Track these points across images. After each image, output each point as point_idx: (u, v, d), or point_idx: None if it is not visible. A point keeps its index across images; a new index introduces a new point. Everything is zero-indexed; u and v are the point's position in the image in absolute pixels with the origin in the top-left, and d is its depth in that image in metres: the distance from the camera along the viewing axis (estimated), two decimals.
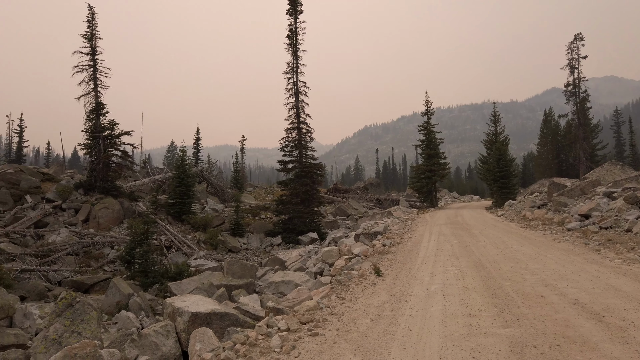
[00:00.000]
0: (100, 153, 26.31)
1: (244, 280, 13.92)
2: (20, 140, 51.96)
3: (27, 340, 8.14)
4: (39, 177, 27.44)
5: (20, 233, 20.41)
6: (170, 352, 6.00)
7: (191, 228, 24.76)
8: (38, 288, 15.19)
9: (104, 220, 23.00)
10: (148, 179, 31.86)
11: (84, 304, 6.16)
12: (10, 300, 8.22)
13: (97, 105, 27.09)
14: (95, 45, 27.45)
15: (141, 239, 17.40)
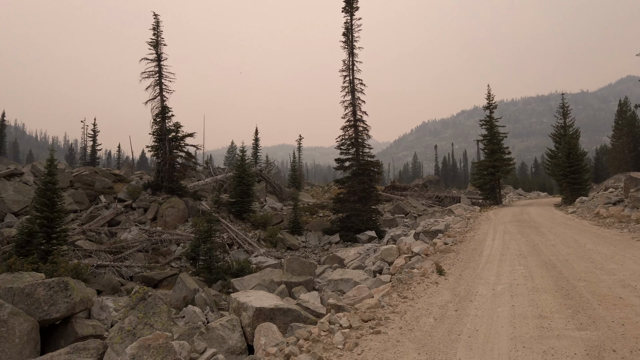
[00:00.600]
0: (166, 154, 27.58)
1: (304, 278, 14.05)
2: (94, 144, 55.57)
3: (104, 331, 8.67)
4: (111, 178, 29.23)
5: (96, 231, 21.82)
6: (236, 345, 6.18)
7: (251, 226, 25.37)
8: (112, 282, 16.17)
9: (170, 218, 24.09)
10: (210, 179, 33.01)
11: (155, 298, 6.47)
12: (89, 294, 8.80)
13: (163, 109, 28.42)
14: (160, 52, 28.82)
15: (205, 237, 18.03)
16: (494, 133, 31.90)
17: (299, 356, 4.62)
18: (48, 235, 15.72)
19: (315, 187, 47.46)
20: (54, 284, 8.08)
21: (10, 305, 7.41)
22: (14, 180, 26.67)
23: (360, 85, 27.29)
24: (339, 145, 27.46)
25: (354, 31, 27.18)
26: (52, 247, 15.51)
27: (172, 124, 28.27)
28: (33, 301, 7.92)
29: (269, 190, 35.45)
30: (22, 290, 8.05)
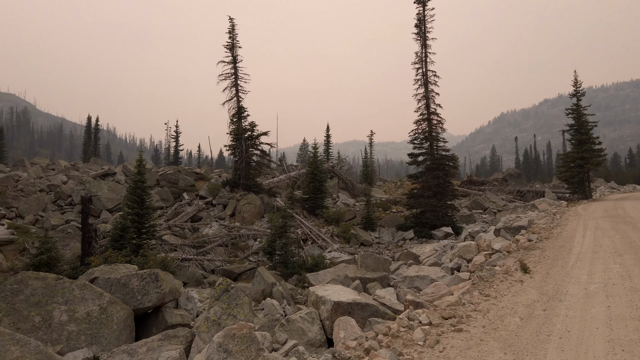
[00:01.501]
0: (243, 153, 28.62)
1: (378, 274, 13.95)
2: (177, 144, 58.96)
3: (190, 320, 9.19)
4: (193, 176, 30.86)
5: (180, 226, 23.17)
6: (315, 338, 6.28)
7: (324, 222, 25.63)
8: (196, 275, 17.08)
9: (248, 214, 24.98)
10: (284, 176, 33.80)
11: (237, 290, 6.75)
12: (177, 285, 9.37)
13: (239, 110, 29.50)
14: (236, 54, 29.94)
15: (280, 232, 18.50)
16: (581, 122, 29.61)
17: (379, 351, 4.59)
18: (138, 230, 16.92)
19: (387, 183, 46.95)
20: (146, 275, 8.69)
21: (109, 295, 8.08)
22: (108, 179, 29.01)
23: (433, 77, 26.55)
24: (411, 140, 26.91)
25: (427, 22, 26.47)
26: (142, 241, 16.68)
27: (248, 123, 29.27)
28: (128, 291, 8.57)
29: (341, 187, 35.61)
30: (118, 280, 8.74)
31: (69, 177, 29.71)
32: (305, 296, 13.63)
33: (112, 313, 7.77)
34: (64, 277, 8.18)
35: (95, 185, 26.03)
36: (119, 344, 7.46)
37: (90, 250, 15.83)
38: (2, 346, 4.81)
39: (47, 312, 7.42)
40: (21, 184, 26.69)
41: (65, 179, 29.05)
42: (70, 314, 7.50)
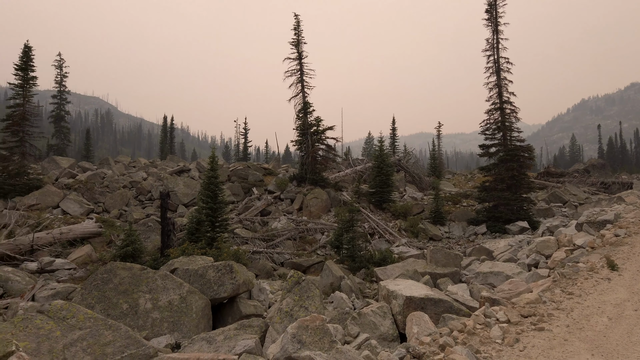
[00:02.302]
0: (309, 148, 28.97)
1: (449, 269, 13.59)
2: (246, 141, 60.84)
3: (263, 311, 9.48)
4: (261, 171, 31.73)
5: (250, 220, 23.92)
6: (388, 332, 6.25)
7: (392, 216, 25.35)
8: (266, 267, 17.56)
9: (315, 208, 25.28)
10: (350, 170, 33.80)
11: (308, 283, 6.87)
12: (250, 276, 9.70)
13: (305, 105, 29.87)
14: (301, 50, 30.30)
15: (347, 226, 18.54)
16: None
17: (454, 347, 4.47)
18: (212, 223, 17.67)
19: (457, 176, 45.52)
20: (221, 267, 9.08)
21: (188, 285, 8.53)
22: (183, 175, 30.56)
23: (506, 64, 25.28)
24: (483, 131, 25.84)
25: (499, 6, 25.24)
26: (216, 234, 17.41)
27: (313, 118, 29.55)
28: (205, 281, 8.99)
29: (408, 180, 35.02)
30: (196, 271, 9.20)
31: (149, 173, 31.64)
32: (373, 290, 13.58)
33: (191, 302, 8.20)
34: (147, 267, 8.74)
35: (172, 181, 27.51)
36: (197, 331, 7.85)
37: (169, 242, 16.78)
38: (97, 330, 5.23)
39: (134, 300, 7.97)
40: (107, 180, 28.81)
41: (145, 175, 30.99)
42: (154, 302, 8.01)
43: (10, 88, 28.18)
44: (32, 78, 27.84)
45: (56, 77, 48.87)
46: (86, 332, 5.15)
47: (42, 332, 4.99)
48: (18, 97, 27.22)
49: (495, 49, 25.34)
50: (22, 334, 4.82)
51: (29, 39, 29.13)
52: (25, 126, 26.76)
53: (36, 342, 4.82)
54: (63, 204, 23.78)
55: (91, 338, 5.10)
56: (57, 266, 16.57)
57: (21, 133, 26.49)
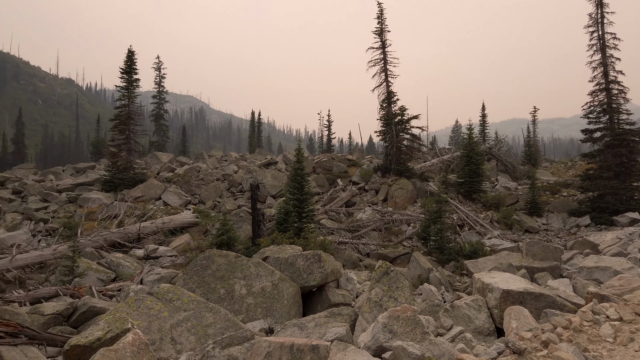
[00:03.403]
0: (393, 138, 28.56)
1: (547, 263, 12.72)
2: (329, 133, 61.48)
3: (351, 300, 9.57)
4: (345, 163, 31.89)
5: (335, 211, 24.17)
6: (483, 326, 6.01)
7: (482, 207, 24.25)
8: (352, 258, 17.67)
9: (400, 199, 24.92)
10: (436, 160, 32.83)
11: (397, 273, 6.80)
12: (337, 266, 9.83)
13: (388, 95, 29.45)
14: (384, 39, 29.87)
15: (435, 217, 18.05)
16: None
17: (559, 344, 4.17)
18: (299, 214, 18.11)
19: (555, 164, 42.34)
20: (310, 256, 9.29)
21: (279, 272, 8.84)
22: (271, 168, 31.63)
23: (612, 40, 22.93)
24: (586, 114, 23.71)
25: None
26: (303, 224, 17.83)
27: (398, 108, 29.05)
28: (295, 270, 9.26)
29: (500, 169, 33.23)
30: (286, 260, 9.50)
31: (239, 166, 33.18)
32: (464, 284, 13.14)
33: (282, 289, 8.49)
34: (241, 255, 9.19)
35: (261, 174, 28.60)
36: (289, 317, 8.12)
37: (259, 232, 17.50)
38: (199, 312, 5.60)
39: (230, 285, 8.42)
40: (202, 174, 30.69)
41: (235, 168, 32.55)
42: (248, 288, 8.40)
43: (117, 90, 30.97)
44: (135, 80, 30.35)
45: (155, 78, 52.86)
46: (190, 313, 5.54)
47: (152, 312, 5.45)
48: (124, 99, 29.82)
49: (599, 24, 23.08)
50: (136, 314, 5.30)
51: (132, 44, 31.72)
52: (131, 125, 29.27)
53: (147, 321, 5.28)
54: (164, 196, 25.73)
55: (194, 319, 5.49)
56: (160, 253, 18.01)
57: (127, 131, 29.02)
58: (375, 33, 30.01)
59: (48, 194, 26.15)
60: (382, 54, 29.87)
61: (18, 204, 25.52)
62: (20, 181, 30.12)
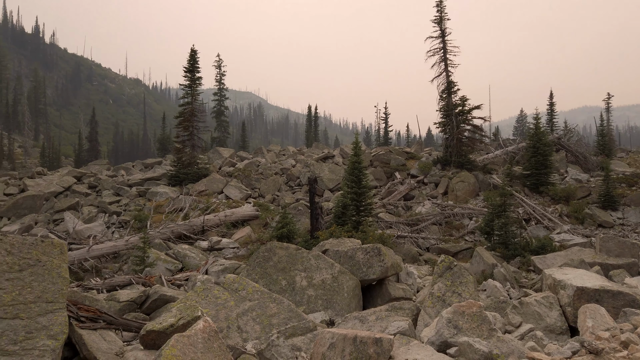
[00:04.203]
0: (453, 129, 27.75)
1: (624, 260, 11.92)
2: (386, 125, 60.79)
3: (412, 295, 9.44)
4: (403, 156, 31.41)
5: (394, 204, 23.90)
6: (555, 324, 5.73)
7: (550, 200, 23.05)
8: (411, 252, 17.43)
9: (461, 192, 24.22)
10: (500, 151, 31.53)
11: (460, 268, 6.63)
12: (397, 260, 9.74)
13: (448, 85, 28.62)
14: (444, 27, 29.01)
15: (499, 211, 17.36)
16: None
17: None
18: (357, 207, 18.09)
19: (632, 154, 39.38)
20: (369, 249, 9.26)
21: (338, 265, 8.88)
22: (328, 162, 31.78)
23: None
24: None
25: None
26: (360, 218, 17.80)
27: (458, 98, 28.18)
28: (354, 263, 9.27)
29: (569, 160, 31.38)
30: (345, 253, 9.53)
31: (297, 161, 33.62)
32: (530, 280, 12.59)
33: (342, 282, 8.53)
34: (301, 248, 9.32)
35: (318, 168, 28.81)
36: (349, 310, 8.15)
37: (317, 225, 17.66)
38: (263, 302, 5.76)
39: (291, 277, 8.57)
40: (261, 168, 31.40)
41: (293, 162, 33.00)
42: (309, 280, 8.52)
43: (181, 89, 32.30)
44: (198, 78, 31.48)
45: (216, 76, 54.56)
46: (255, 303, 5.71)
47: (219, 301, 5.67)
48: (187, 97, 31.05)
49: None
50: (204, 302, 5.54)
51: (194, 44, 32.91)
52: (194, 121, 30.44)
53: (215, 310, 5.49)
54: (226, 190, 26.59)
55: (259, 309, 5.64)
56: (223, 245, 18.66)
57: (191, 128, 30.22)
58: (434, 22, 29.23)
59: (120, 188, 27.83)
60: (442, 43, 29.04)
61: (93, 197, 27.37)
62: (95, 176, 32.25)
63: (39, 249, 5.97)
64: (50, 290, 5.65)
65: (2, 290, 5.42)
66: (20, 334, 5.16)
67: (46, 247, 6.03)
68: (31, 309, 5.42)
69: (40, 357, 5.09)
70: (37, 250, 5.93)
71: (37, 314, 5.40)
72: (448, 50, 28.98)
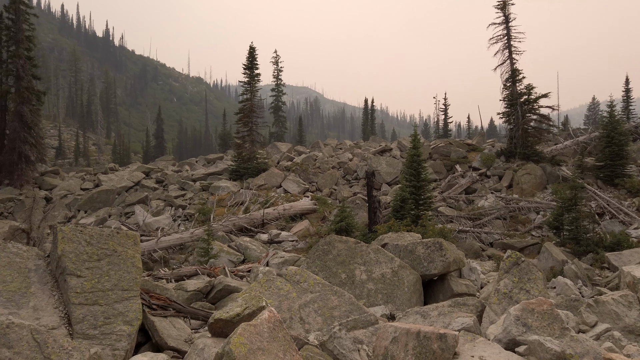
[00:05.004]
0: (519, 119, 26.54)
1: None
2: (446, 117, 59.24)
3: (475, 291, 9.17)
4: (464, 148, 30.47)
5: (454, 198, 23.29)
6: (634, 324, 5.36)
7: (627, 193, 21.48)
8: (474, 247, 16.92)
9: (527, 185, 23.15)
10: (570, 142, 29.76)
11: (528, 264, 6.34)
12: (460, 255, 9.48)
13: (513, 73, 27.38)
14: (508, 13, 27.73)
15: (569, 205, 16.42)
16: None
17: None
18: (416, 201, 17.78)
19: None
20: (430, 244, 9.08)
21: (398, 259, 8.78)
22: (385, 155, 31.44)
23: None
24: None
25: None
26: (420, 212, 17.47)
27: (524, 86, 26.89)
28: (414, 257, 9.12)
29: None
30: (405, 247, 9.40)
31: (353, 154, 33.55)
32: (605, 278, 11.86)
33: (402, 276, 8.43)
34: (360, 241, 9.30)
35: (375, 161, 28.60)
36: (410, 305, 8.04)
37: (375, 219, 17.56)
38: (325, 295, 5.82)
39: (350, 270, 8.59)
40: (318, 162, 31.63)
41: (350, 156, 32.96)
42: (368, 274, 8.49)
43: (240, 85, 33.17)
44: (256, 75, 32.17)
45: (273, 72, 55.48)
46: (316, 295, 5.78)
47: (281, 292, 5.79)
48: (246, 93, 31.84)
49: None
50: (267, 293, 5.68)
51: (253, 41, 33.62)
52: (253, 117, 31.19)
53: (278, 301, 5.62)
54: (284, 184, 27.05)
55: (320, 301, 5.71)
56: (282, 238, 19.02)
57: (250, 124, 30.99)
58: (497, 7, 28.00)
59: (184, 182, 29.08)
60: (505, 29, 27.78)
61: (160, 191, 28.80)
62: (161, 171, 33.91)
63: (115, 240, 6.38)
64: (125, 279, 6.03)
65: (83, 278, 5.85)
66: (100, 319, 5.56)
67: (121, 238, 6.43)
68: (109, 296, 5.82)
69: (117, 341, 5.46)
70: (113, 241, 6.35)
71: (114, 301, 5.78)
72: (512, 36, 27.69)
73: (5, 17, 31.97)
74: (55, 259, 6.06)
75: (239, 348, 3.54)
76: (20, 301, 5.52)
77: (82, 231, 6.41)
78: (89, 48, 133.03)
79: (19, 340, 4.69)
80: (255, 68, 32.22)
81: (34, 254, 6.40)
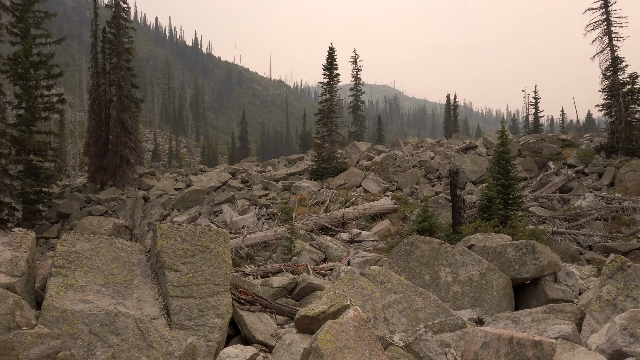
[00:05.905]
0: (621, 112, 24.25)
1: None
2: (536, 111, 55.68)
3: (573, 297, 8.52)
4: (558, 143, 28.42)
5: (547, 197, 21.81)
6: None
7: None
8: (570, 250, 15.73)
9: (632, 184, 21.08)
10: None
11: (635, 269, 5.76)
12: (555, 258, 8.87)
13: (614, 61, 25.06)
14: None
15: None
16: None
17: None
18: (505, 201, 16.89)
19: None
20: (521, 246, 8.58)
21: (486, 262, 8.40)
22: (470, 153, 30.24)
23: None
24: None
25: None
26: (509, 212, 16.58)
27: (627, 75, 24.51)
28: (504, 260, 8.67)
29: None
30: (494, 249, 8.97)
31: (435, 152, 32.64)
32: None
33: (491, 279, 8.06)
34: (445, 242, 9.03)
35: (459, 159, 27.61)
36: (499, 310, 7.66)
37: (459, 219, 16.93)
38: (409, 296, 5.73)
39: (434, 272, 8.37)
40: (398, 161, 31.19)
41: (432, 154, 32.11)
42: (454, 276, 8.22)
43: (320, 86, 33.63)
44: (336, 75, 32.43)
45: (352, 71, 55.63)
46: (400, 296, 5.71)
47: (365, 291, 5.79)
48: (326, 94, 32.21)
49: None
50: (351, 292, 5.71)
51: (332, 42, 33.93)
52: (332, 117, 31.48)
53: (361, 300, 5.63)
54: (364, 183, 27.00)
55: (405, 302, 5.62)
56: (363, 237, 18.99)
57: (329, 124, 31.31)
58: None
59: (267, 182, 30.08)
60: (605, 14, 25.49)
61: (245, 191, 30.04)
62: (246, 172, 35.36)
63: (207, 237, 6.77)
64: (217, 274, 6.38)
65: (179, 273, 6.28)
66: (194, 311, 5.93)
67: (213, 235, 6.81)
68: (202, 290, 6.18)
69: (210, 332, 5.78)
70: (206, 238, 6.74)
71: (207, 295, 6.13)
72: (612, 22, 25.33)
73: (108, 32, 35.22)
74: (155, 254, 6.56)
75: (326, 345, 3.59)
76: (125, 292, 6.05)
77: (178, 228, 6.88)
78: (179, 57, 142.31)
79: (125, 329, 5.16)
80: (335, 68, 32.49)
81: (137, 249, 6.99)
